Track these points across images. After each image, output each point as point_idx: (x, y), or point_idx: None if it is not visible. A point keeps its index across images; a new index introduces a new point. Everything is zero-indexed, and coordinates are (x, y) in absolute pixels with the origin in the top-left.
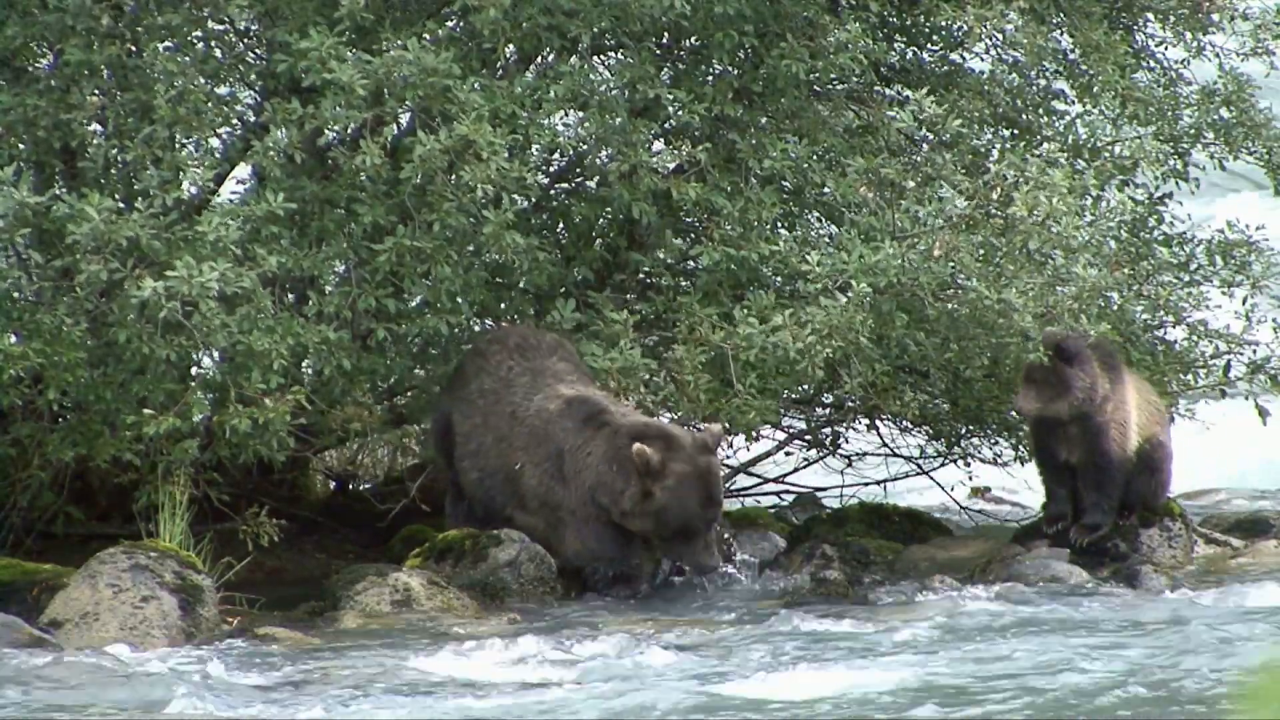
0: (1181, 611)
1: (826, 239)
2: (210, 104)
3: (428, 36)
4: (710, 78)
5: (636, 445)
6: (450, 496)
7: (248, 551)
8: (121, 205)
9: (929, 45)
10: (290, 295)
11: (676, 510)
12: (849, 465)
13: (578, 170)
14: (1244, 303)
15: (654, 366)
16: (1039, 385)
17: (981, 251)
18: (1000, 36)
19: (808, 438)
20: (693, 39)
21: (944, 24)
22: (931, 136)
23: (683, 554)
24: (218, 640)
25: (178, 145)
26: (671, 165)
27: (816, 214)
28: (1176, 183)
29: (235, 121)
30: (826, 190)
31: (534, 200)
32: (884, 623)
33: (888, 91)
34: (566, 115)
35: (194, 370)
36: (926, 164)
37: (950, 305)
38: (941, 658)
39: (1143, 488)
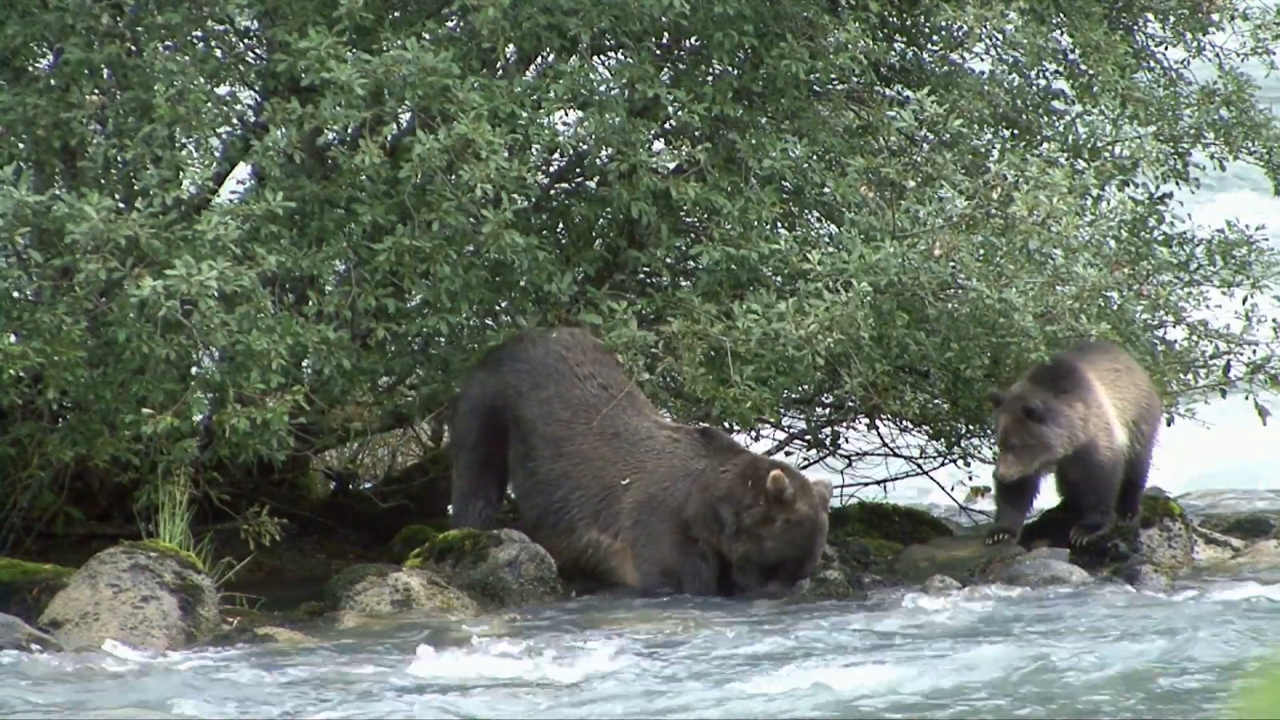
0: (1181, 611)
1: (827, 239)
2: (210, 104)
3: (427, 36)
4: (710, 78)
5: (775, 472)
6: (459, 494)
7: (248, 551)
8: (121, 205)
9: (929, 45)
10: (290, 295)
11: (785, 546)
12: (849, 465)
13: (578, 170)
14: (1244, 303)
15: (652, 339)
16: (1017, 450)
17: (982, 251)
18: (1000, 36)
19: (808, 438)
20: (693, 39)
21: (944, 24)
22: (931, 136)
23: (752, 585)
24: (218, 640)
25: (177, 145)
26: (671, 165)
27: (816, 214)
28: (1176, 182)
29: (235, 121)
30: (826, 190)
31: (534, 200)
32: (884, 623)
33: (888, 91)
34: (566, 115)
35: (193, 370)
36: (926, 164)
37: (950, 305)
38: (941, 658)
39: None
